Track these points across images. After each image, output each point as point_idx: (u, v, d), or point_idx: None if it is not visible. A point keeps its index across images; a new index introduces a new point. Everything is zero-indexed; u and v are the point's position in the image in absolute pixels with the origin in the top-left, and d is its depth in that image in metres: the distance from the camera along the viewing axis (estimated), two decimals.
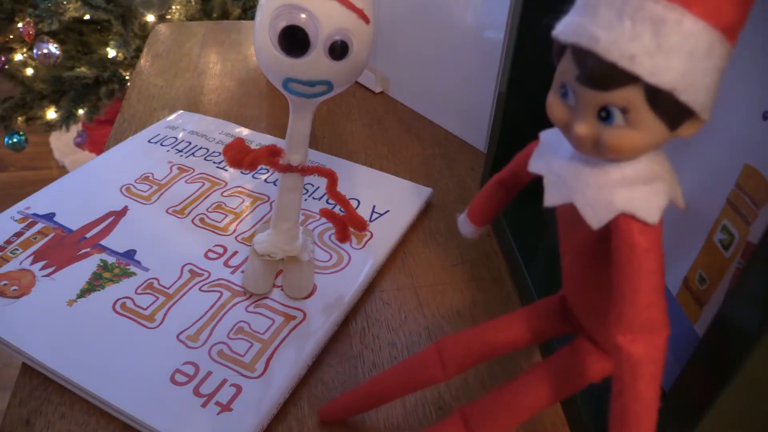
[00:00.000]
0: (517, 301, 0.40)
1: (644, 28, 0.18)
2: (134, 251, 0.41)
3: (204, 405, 0.31)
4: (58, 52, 1.31)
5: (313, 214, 0.45)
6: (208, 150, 0.52)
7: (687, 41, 0.18)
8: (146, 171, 0.48)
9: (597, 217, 0.22)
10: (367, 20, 0.31)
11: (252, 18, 1.32)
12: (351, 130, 0.58)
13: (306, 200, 0.46)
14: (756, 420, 0.22)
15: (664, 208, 0.21)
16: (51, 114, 1.45)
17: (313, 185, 0.48)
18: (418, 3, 0.56)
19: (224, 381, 0.33)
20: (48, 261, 0.39)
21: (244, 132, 0.55)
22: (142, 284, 0.38)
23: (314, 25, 0.29)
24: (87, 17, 1.36)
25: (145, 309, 0.37)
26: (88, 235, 0.42)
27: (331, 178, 0.37)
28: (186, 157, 0.51)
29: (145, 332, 0.35)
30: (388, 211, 0.46)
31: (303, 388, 0.34)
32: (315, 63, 0.30)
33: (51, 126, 1.45)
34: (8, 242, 0.41)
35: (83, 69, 1.37)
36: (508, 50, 0.41)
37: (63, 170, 1.73)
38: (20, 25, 1.35)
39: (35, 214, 0.43)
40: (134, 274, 0.39)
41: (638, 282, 0.21)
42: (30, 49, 1.42)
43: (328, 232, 0.43)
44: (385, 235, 0.44)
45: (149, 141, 0.53)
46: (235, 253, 0.41)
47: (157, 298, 0.37)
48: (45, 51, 1.30)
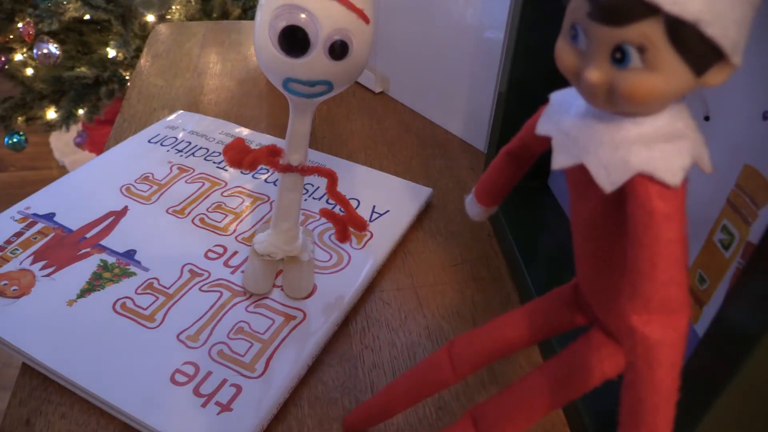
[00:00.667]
0: (517, 301, 0.40)
1: None
2: (134, 251, 0.41)
3: (204, 405, 0.31)
4: (58, 52, 1.32)
5: (313, 214, 0.45)
6: (208, 150, 0.52)
7: None
8: (146, 171, 0.48)
9: (610, 179, 0.19)
10: (367, 20, 0.31)
11: (252, 18, 1.32)
12: (351, 130, 0.58)
13: (306, 200, 0.46)
14: (756, 420, 0.22)
15: (688, 169, 0.18)
16: (51, 114, 1.45)
17: (313, 185, 0.48)
18: (418, 3, 0.56)
19: (224, 381, 0.33)
20: (48, 261, 0.39)
21: (244, 132, 0.55)
22: (142, 284, 0.38)
23: (314, 25, 0.29)
24: (87, 17, 1.36)
25: (145, 309, 0.37)
26: (88, 235, 0.42)
27: (331, 178, 0.37)
28: (186, 157, 0.51)
29: (145, 332, 0.35)
30: (388, 211, 0.46)
31: (303, 388, 0.34)
32: (315, 63, 0.30)
33: (51, 126, 1.45)
34: (8, 242, 0.41)
35: (83, 69, 1.37)
36: (508, 50, 0.41)
37: (63, 170, 1.73)
38: (20, 25, 1.35)
39: (35, 214, 0.43)
40: (134, 274, 0.39)
41: (656, 254, 0.18)
42: (30, 49, 1.42)
43: (328, 232, 0.43)
44: (385, 235, 0.44)
45: (149, 141, 0.53)
46: (235, 253, 0.41)
47: (157, 298, 0.37)
48: (45, 51, 1.30)
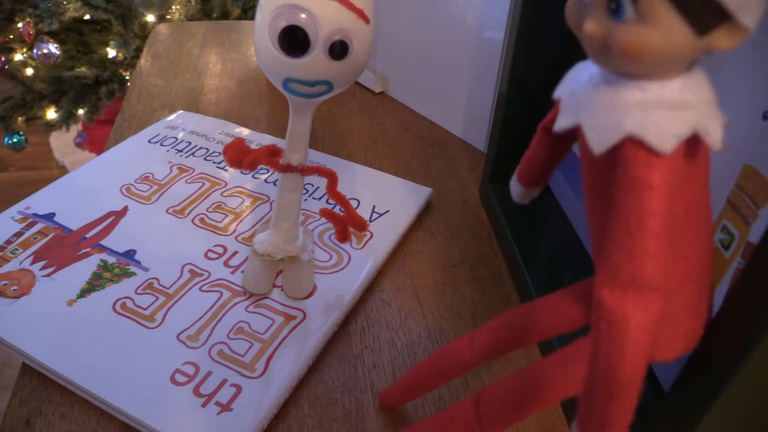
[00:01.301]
0: (517, 301, 0.40)
1: None
2: (134, 251, 0.41)
3: (204, 405, 0.32)
4: (58, 52, 1.32)
5: (313, 214, 0.45)
6: (208, 150, 0.52)
7: None
8: (146, 171, 0.48)
9: (600, 140, 0.18)
10: (367, 20, 0.31)
11: (252, 18, 1.32)
12: (351, 130, 0.58)
13: (306, 200, 0.46)
14: (757, 420, 0.22)
15: (684, 138, 0.17)
16: (51, 114, 1.45)
17: (313, 185, 0.48)
18: (418, 3, 0.56)
19: (224, 381, 0.33)
20: (48, 261, 0.39)
21: (244, 132, 0.55)
22: (142, 284, 0.38)
23: (314, 25, 0.29)
24: (87, 17, 1.36)
25: (145, 309, 0.37)
26: (88, 235, 0.42)
27: (331, 178, 0.37)
28: (186, 157, 0.51)
29: (145, 332, 0.35)
30: (388, 211, 0.46)
31: (303, 388, 0.34)
32: (315, 63, 0.30)
33: (51, 126, 1.46)
34: (8, 242, 0.41)
35: (83, 69, 1.37)
36: (508, 50, 0.41)
37: (63, 170, 1.73)
38: (20, 25, 1.35)
39: (35, 214, 0.43)
40: (134, 274, 0.39)
41: (634, 223, 0.17)
42: (30, 49, 1.42)
43: (328, 232, 0.43)
44: (385, 235, 0.44)
45: (149, 141, 0.53)
46: (235, 253, 0.41)
47: (157, 298, 0.37)
48: (45, 51, 1.30)
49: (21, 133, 1.44)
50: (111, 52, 1.38)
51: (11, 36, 1.45)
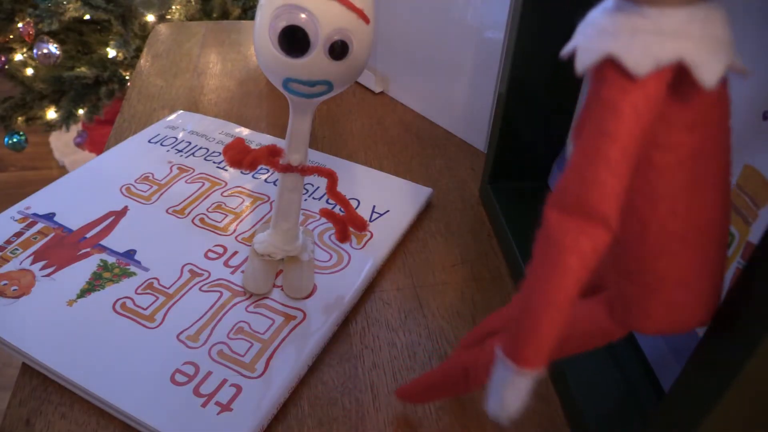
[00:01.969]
0: None
1: None
2: (134, 251, 0.41)
3: (204, 405, 0.31)
4: (58, 52, 1.32)
5: (313, 214, 0.45)
6: (208, 150, 0.52)
7: None
8: (146, 171, 0.48)
9: (582, 59, 0.17)
10: (367, 20, 0.31)
11: (252, 18, 1.32)
12: (351, 130, 0.58)
13: (306, 200, 0.46)
14: (757, 421, 0.22)
15: (663, 64, 0.16)
16: (51, 114, 1.46)
17: (313, 185, 0.48)
18: (418, 3, 0.56)
19: (224, 381, 0.33)
20: (48, 261, 0.39)
21: (244, 132, 0.55)
22: (142, 284, 0.38)
23: (314, 25, 0.29)
24: (87, 17, 1.36)
25: (145, 309, 0.37)
26: (88, 235, 0.42)
27: (331, 178, 0.37)
28: (186, 157, 0.51)
29: (145, 332, 0.35)
30: (388, 211, 0.46)
31: (303, 388, 0.34)
32: (315, 63, 0.30)
33: (51, 126, 1.46)
34: (8, 242, 0.41)
35: (83, 69, 1.37)
36: (508, 50, 0.41)
37: (63, 170, 1.73)
38: (20, 25, 1.35)
39: (35, 214, 0.43)
40: (134, 274, 0.39)
41: (591, 147, 0.16)
42: (30, 49, 1.42)
43: (328, 232, 0.43)
44: (385, 235, 0.44)
45: (149, 141, 0.53)
46: (235, 253, 0.41)
47: (157, 298, 0.37)
48: (45, 51, 1.30)
49: (21, 133, 1.44)
50: (111, 52, 1.38)
51: (11, 36, 1.45)
